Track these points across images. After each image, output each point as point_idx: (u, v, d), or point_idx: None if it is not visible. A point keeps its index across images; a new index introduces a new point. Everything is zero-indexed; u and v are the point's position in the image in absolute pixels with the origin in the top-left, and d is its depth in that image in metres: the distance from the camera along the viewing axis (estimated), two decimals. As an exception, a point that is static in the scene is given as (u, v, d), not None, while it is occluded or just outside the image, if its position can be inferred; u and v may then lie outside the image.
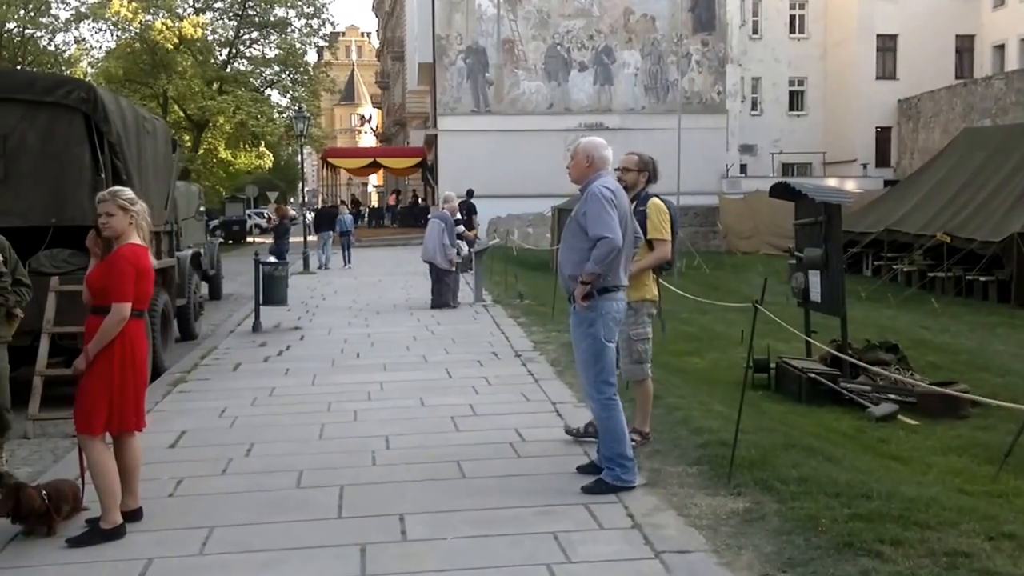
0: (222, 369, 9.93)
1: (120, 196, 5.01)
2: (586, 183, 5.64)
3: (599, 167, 5.69)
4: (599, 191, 5.48)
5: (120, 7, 39.17)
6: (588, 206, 5.49)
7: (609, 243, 5.38)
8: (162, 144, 10.39)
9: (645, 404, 6.49)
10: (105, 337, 4.86)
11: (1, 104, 8.14)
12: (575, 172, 5.72)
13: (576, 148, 5.76)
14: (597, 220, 5.41)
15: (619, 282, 5.63)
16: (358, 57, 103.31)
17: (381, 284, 20.08)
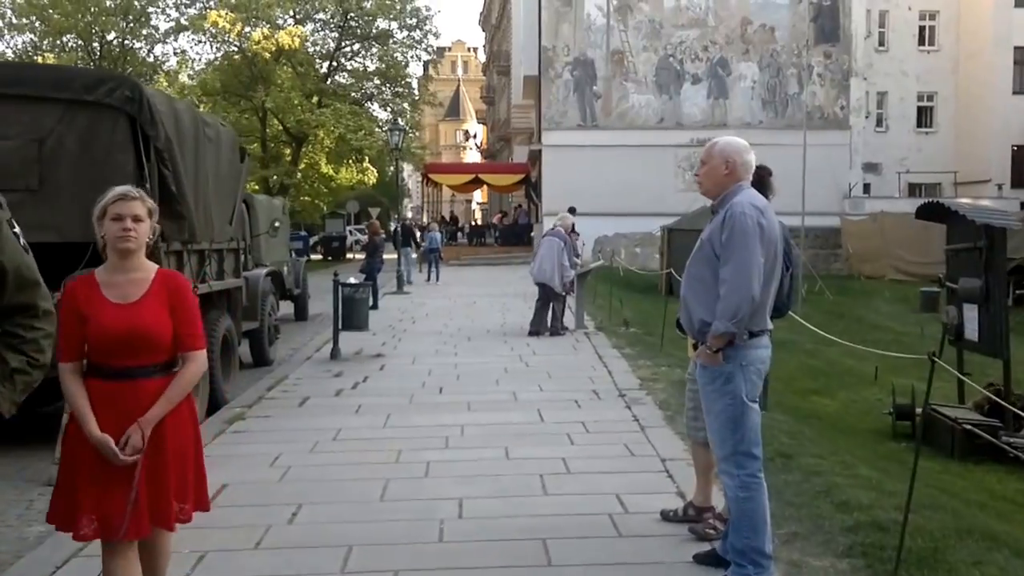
0: (287, 404, 8.83)
1: (147, 198, 3.66)
2: (723, 197, 4.34)
3: (741, 176, 4.36)
4: (742, 215, 4.17)
5: (218, 18, 39.32)
6: (728, 233, 4.18)
7: (744, 294, 4.10)
8: (227, 153, 9.40)
9: (708, 471, 5.09)
10: (179, 395, 3.48)
11: (37, 103, 7.22)
12: (709, 181, 4.42)
13: (710, 150, 4.45)
14: (736, 256, 4.13)
15: (765, 325, 4.30)
16: (464, 72, 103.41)
17: (476, 306, 18.92)
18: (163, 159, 7.28)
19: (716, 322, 4.14)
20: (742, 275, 4.09)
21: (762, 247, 4.15)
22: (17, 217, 7.19)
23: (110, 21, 43.80)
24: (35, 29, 44.62)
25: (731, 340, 4.16)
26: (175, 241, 7.60)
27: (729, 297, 4.10)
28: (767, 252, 4.19)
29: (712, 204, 4.42)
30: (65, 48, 43.99)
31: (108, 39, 45.67)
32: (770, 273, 4.26)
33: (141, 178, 7.15)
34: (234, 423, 7.94)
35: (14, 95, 7.18)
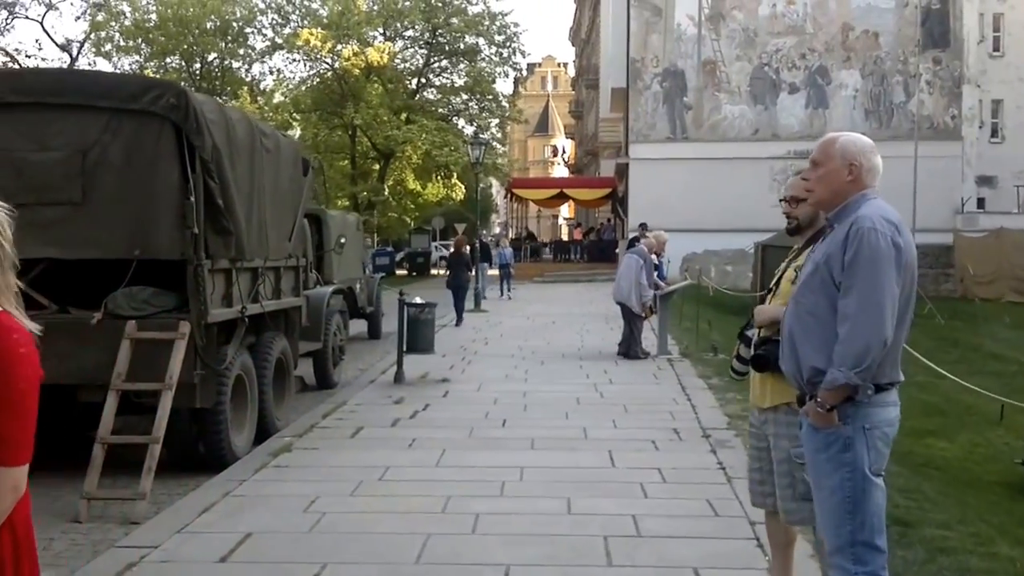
0: (339, 434, 8.22)
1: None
2: (842, 209, 3.43)
3: (867, 183, 3.45)
4: (872, 231, 3.26)
5: (310, 36, 39.59)
6: (853, 254, 3.27)
7: (873, 334, 3.21)
8: (287, 165, 8.87)
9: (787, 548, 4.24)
10: None
11: (80, 112, 6.79)
12: (824, 188, 3.50)
13: (827, 149, 3.51)
14: (862, 285, 3.23)
15: (895, 377, 3.40)
16: (553, 88, 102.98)
17: (554, 327, 18.15)
18: (209, 170, 6.76)
19: (833, 371, 3.23)
20: (871, 310, 3.20)
21: (898, 274, 3.24)
22: (59, 233, 6.83)
23: (210, 42, 44.69)
24: (140, 51, 45.80)
25: (851, 395, 3.27)
26: (222, 258, 7.05)
27: (852, 339, 3.20)
28: (903, 281, 3.27)
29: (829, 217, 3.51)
30: (168, 69, 44.99)
31: (208, 59, 46.65)
32: (904, 308, 3.33)
33: (185, 191, 6.64)
34: (279, 455, 7.35)
35: (57, 104, 6.77)
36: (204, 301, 6.68)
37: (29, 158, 6.72)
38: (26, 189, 6.65)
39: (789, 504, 3.94)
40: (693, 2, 32.63)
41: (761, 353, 3.89)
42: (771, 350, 3.81)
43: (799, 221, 4.05)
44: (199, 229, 6.64)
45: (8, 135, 6.76)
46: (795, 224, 4.06)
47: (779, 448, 3.92)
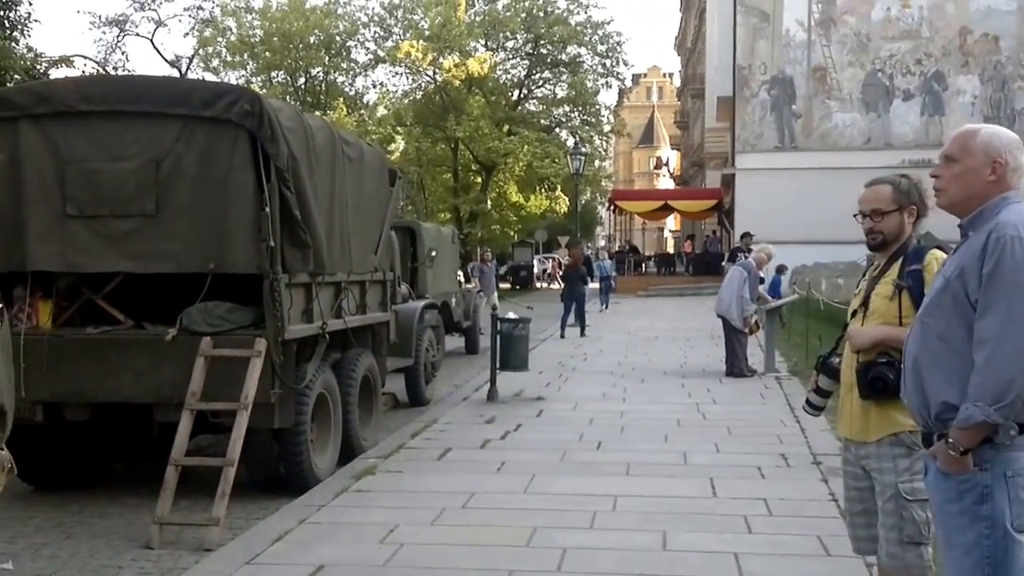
0: (426, 456, 7.88)
1: None
2: (979, 213, 2.91)
3: (1011, 183, 2.91)
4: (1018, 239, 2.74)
5: (411, 48, 39.85)
6: (994, 267, 2.74)
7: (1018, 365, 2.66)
8: (371, 175, 8.60)
9: None
10: None
11: (154, 120, 6.61)
12: (960, 189, 2.96)
13: (965, 142, 2.97)
14: (1008, 303, 2.70)
15: None
16: (659, 99, 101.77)
17: (656, 342, 17.54)
18: (285, 179, 6.50)
19: (968, 406, 2.70)
20: (1014, 334, 2.66)
21: None
22: (133, 246, 6.68)
23: (314, 56, 45.52)
24: (246, 66, 47.01)
25: (990, 436, 2.72)
26: (300, 272, 6.80)
27: (992, 368, 2.66)
28: None
29: (962, 224, 2.97)
30: (273, 83, 46.02)
31: (312, 74, 47.57)
32: None
33: (260, 201, 6.40)
34: (362, 478, 7.03)
35: (129, 111, 6.61)
36: (281, 317, 6.41)
37: (102, 168, 6.56)
38: (99, 201, 6.53)
39: (894, 548, 3.44)
40: (802, 7, 31.55)
41: (875, 377, 3.42)
42: (883, 372, 3.40)
43: (884, 235, 3.63)
44: (275, 242, 6.38)
45: (80, 145, 6.62)
46: (880, 239, 3.65)
47: (884, 484, 3.46)
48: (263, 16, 45.70)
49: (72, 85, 7.22)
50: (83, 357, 6.60)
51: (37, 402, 6.66)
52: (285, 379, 6.56)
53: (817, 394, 3.84)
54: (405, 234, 13.84)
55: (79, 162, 6.60)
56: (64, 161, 6.62)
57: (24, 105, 6.69)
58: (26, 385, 6.51)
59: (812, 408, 3.91)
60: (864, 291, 3.69)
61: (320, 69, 46.96)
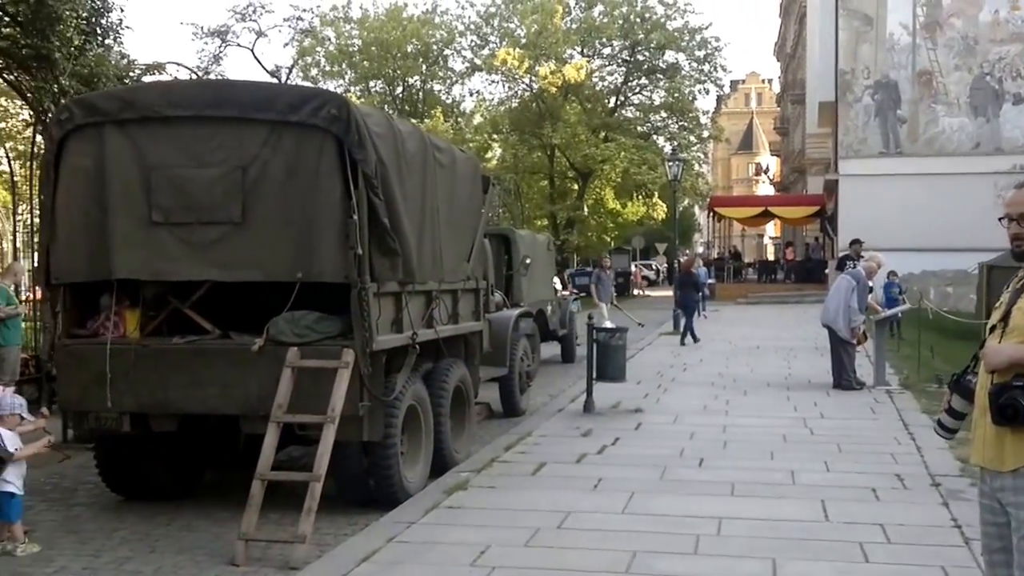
0: (520, 470, 7.59)
1: None
2: None
3: None
4: None
5: (507, 56, 39.77)
6: None
7: None
8: (464, 182, 8.36)
9: None
10: None
11: (240, 126, 6.47)
12: None
13: None
14: None
15: None
16: (758, 105, 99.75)
17: (759, 352, 16.90)
18: (373, 186, 6.30)
19: None
20: None
21: None
22: (220, 254, 6.52)
23: (412, 65, 45.90)
24: (344, 75, 47.69)
25: None
26: (389, 281, 6.59)
27: None
28: None
29: None
30: (371, 92, 46.57)
31: (409, 83, 47.98)
32: None
33: (348, 208, 6.21)
34: (453, 494, 6.78)
35: (215, 117, 6.50)
36: (369, 327, 6.20)
37: (188, 175, 6.46)
38: (186, 208, 6.42)
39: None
40: (907, 10, 30.43)
41: (1006, 403, 3.06)
42: (1016, 397, 3.04)
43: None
44: (363, 250, 6.18)
45: (166, 151, 6.52)
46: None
47: (1021, 520, 3.10)
48: (361, 25, 46.27)
49: (158, 90, 7.17)
50: (169, 367, 6.51)
51: (124, 412, 6.61)
52: (374, 391, 6.35)
53: (950, 415, 3.45)
54: (499, 241, 13.63)
55: (165, 168, 6.50)
56: (150, 167, 6.53)
57: (109, 111, 6.64)
58: (112, 394, 6.49)
59: (945, 431, 3.51)
60: (1005, 305, 3.28)
61: (417, 78, 47.31)
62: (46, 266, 6.94)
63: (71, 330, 6.90)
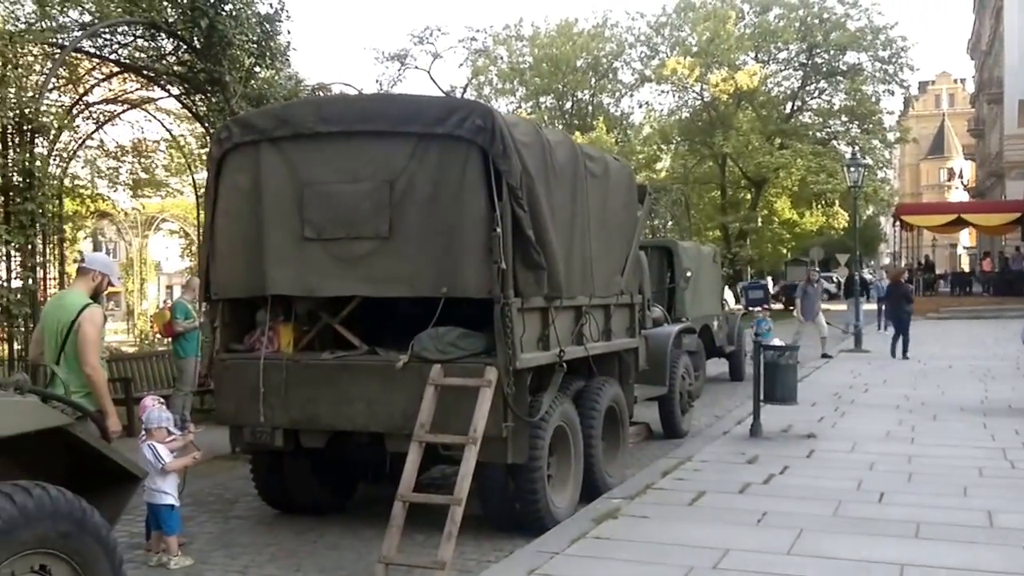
0: (677, 498, 7.08)
1: None
2: None
3: None
4: None
5: (677, 65, 39.02)
6: None
7: None
8: (617, 192, 7.95)
9: None
10: None
11: (387, 139, 6.34)
12: None
13: None
14: None
15: None
16: (949, 106, 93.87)
17: (951, 372, 15.57)
18: (517, 197, 6.01)
19: None
20: None
21: None
22: (368, 269, 6.41)
23: (581, 80, 45.98)
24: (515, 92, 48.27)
25: None
26: (534, 296, 6.27)
27: None
28: None
29: None
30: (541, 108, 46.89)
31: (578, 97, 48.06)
32: None
33: (491, 221, 5.95)
34: (602, 523, 6.37)
35: (365, 131, 6.40)
36: (513, 344, 5.91)
37: (338, 190, 6.40)
38: (336, 223, 6.37)
39: None
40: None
41: None
42: None
43: None
44: (507, 264, 5.90)
45: (317, 166, 6.50)
46: None
47: None
48: (532, 43, 46.78)
49: (310, 107, 7.16)
50: (318, 383, 6.46)
51: (276, 427, 6.61)
52: (518, 411, 6.05)
53: None
54: (661, 254, 13.12)
55: (316, 184, 6.48)
56: (302, 184, 6.53)
57: (265, 129, 6.69)
58: (265, 409, 6.50)
59: None
60: None
61: (587, 91, 47.33)
62: (206, 282, 7.08)
63: (229, 345, 6.99)
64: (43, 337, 5.83)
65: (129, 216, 22.52)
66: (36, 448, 3.57)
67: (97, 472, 3.85)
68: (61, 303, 5.89)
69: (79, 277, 6.05)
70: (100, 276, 5.91)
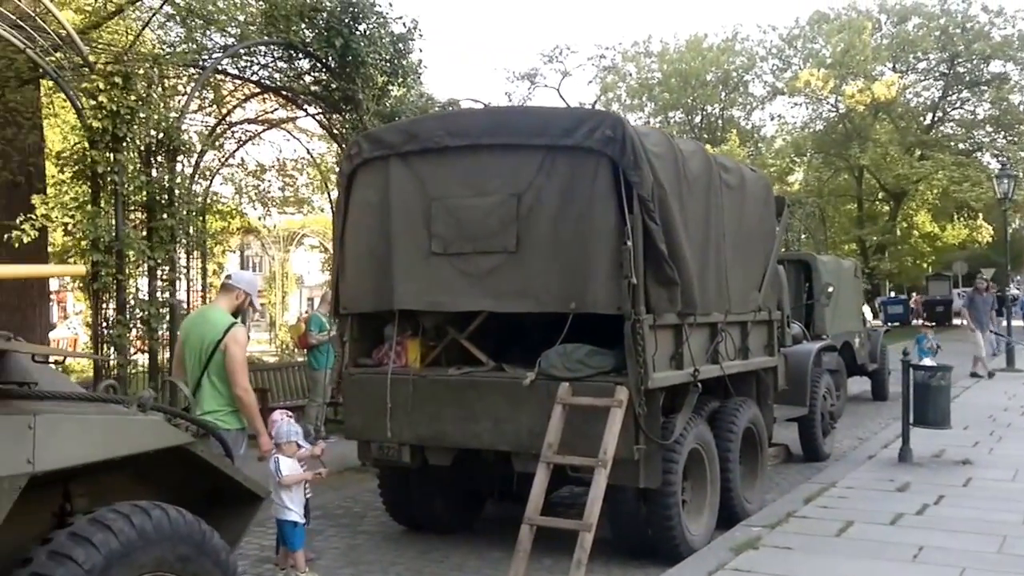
0: (822, 528, 6.64)
1: None
2: None
3: None
4: None
5: (810, 77, 37.89)
6: None
7: None
8: (754, 203, 7.59)
9: None
10: None
11: (515, 153, 6.19)
12: None
13: None
14: None
15: None
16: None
17: (1120, 395, 14.39)
18: (649, 210, 5.76)
19: None
20: None
21: None
22: (495, 284, 6.24)
23: (711, 94, 45.37)
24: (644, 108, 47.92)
25: None
26: (667, 312, 6.00)
27: None
28: None
29: None
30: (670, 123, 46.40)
31: (708, 111, 47.39)
32: None
33: (621, 234, 5.72)
34: (741, 553, 6.02)
35: (492, 144, 6.27)
36: (644, 363, 5.65)
37: (466, 204, 6.31)
38: (464, 237, 6.27)
39: None
40: None
41: None
42: None
43: None
44: (638, 279, 5.66)
45: (445, 181, 6.42)
46: None
47: None
48: (661, 58, 46.50)
49: (438, 121, 7.09)
50: (444, 399, 6.35)
51: (403, 443, 6.54)
52: (650, 433, 5.79)
53: None
54: (799, 268, 12.57)
55: (444, 199, 6.40)
56: (430, 198, 6.46)
57: (394, 143, 6.66)
58: (392, 425, 6.44)
59: None
60: None
61: (717, 106, 46.65)
62: (336, 296, 7.10)
63: (358, 359, 6.98)
64: (184, 353, 5.88)
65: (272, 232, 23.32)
66: (157, 467, 3.54)
67: (219, 491, 3.80)
68: (204, 319, 5.93)
69: (222, 293, 6.09)
70: (244, 295, 5.94)
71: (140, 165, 9.64)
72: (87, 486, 3.40)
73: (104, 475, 3.39)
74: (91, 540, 3.04)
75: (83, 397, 3.55)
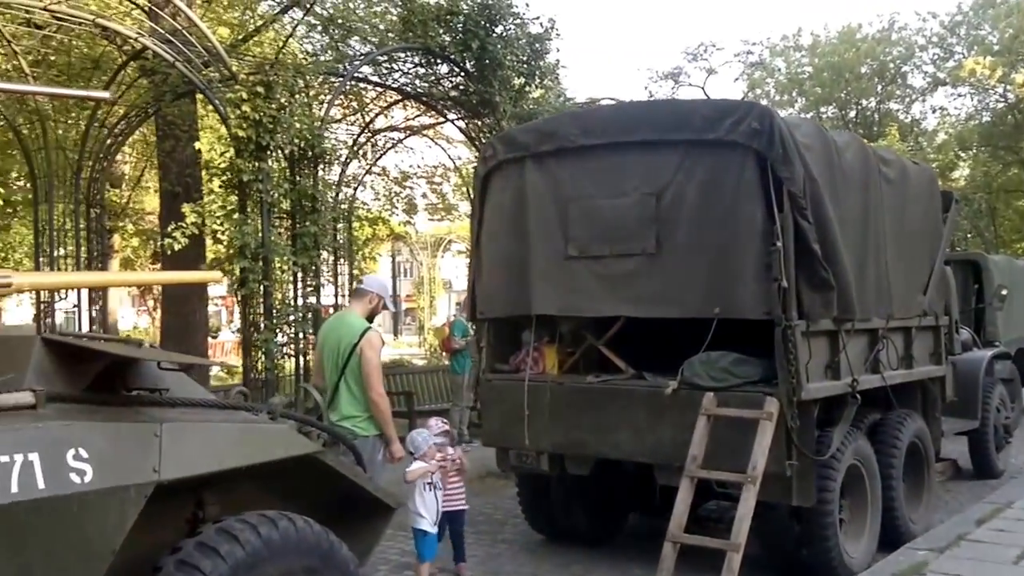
0: (997, 554, 6.05)
1: None
2: None
3: None
4: None
5: (975, 65, 35.66)
6: None
7: None
8: (917, 199, 7.02)
9: None
10: None
11: (653, 149, 5.89)
12: None
13: None
14: None
15: None
16: None
17: None
18: (801, 207, 5.37)
19: None
20: None
21: None
22: (634, 288, 5.94)
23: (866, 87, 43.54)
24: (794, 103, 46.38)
25: None
26: (821, 318, 5.59)
27: None
28: None
29: None
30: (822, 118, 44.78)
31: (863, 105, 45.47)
32: None
33: (770, 234, 5.35)
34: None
35: (628, 142, 6.00)
36: (797, 372, 5.27)
37: (601, 205, 6.07)
38: (600, 240, 6.03)
39: None
40: None
41: None
42: None
43: None
44: (789, 282, 5.27)
45: (581, 181, 6.20)
46: None
47: None
48: (812, 52, 44.92)
49: (573, 120, 6.86)
50: (583, 407, 6.14)
51: (541, 451, 6.36)
52: (804, 447, 5.39)
53: None
54: (967, 269, 11.69)
55: (580, 200, 6.20)
56: (566, 200, 6.26)
57: (528, 144, 6.50)
58: (530, 433, 6.28)
59: None
60: None
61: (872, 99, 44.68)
62: (472, 301, 7.00)
63: (495, 365, 6.85)
64: (322, 358, 5.88)
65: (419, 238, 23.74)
66: (287, 475, 3.46)
67: (350, 501, 3.70)
68: (341, 323, 5.91)
69: (355, 299, 6.08)
70: (377, 298, 5.89)
71: (285, 173, 9.86)
72: (219, 494, 3.36)
73: (236, 483, 3.34)
74: (218, 550, 3.00)
75: (212, 404, 3.52)
